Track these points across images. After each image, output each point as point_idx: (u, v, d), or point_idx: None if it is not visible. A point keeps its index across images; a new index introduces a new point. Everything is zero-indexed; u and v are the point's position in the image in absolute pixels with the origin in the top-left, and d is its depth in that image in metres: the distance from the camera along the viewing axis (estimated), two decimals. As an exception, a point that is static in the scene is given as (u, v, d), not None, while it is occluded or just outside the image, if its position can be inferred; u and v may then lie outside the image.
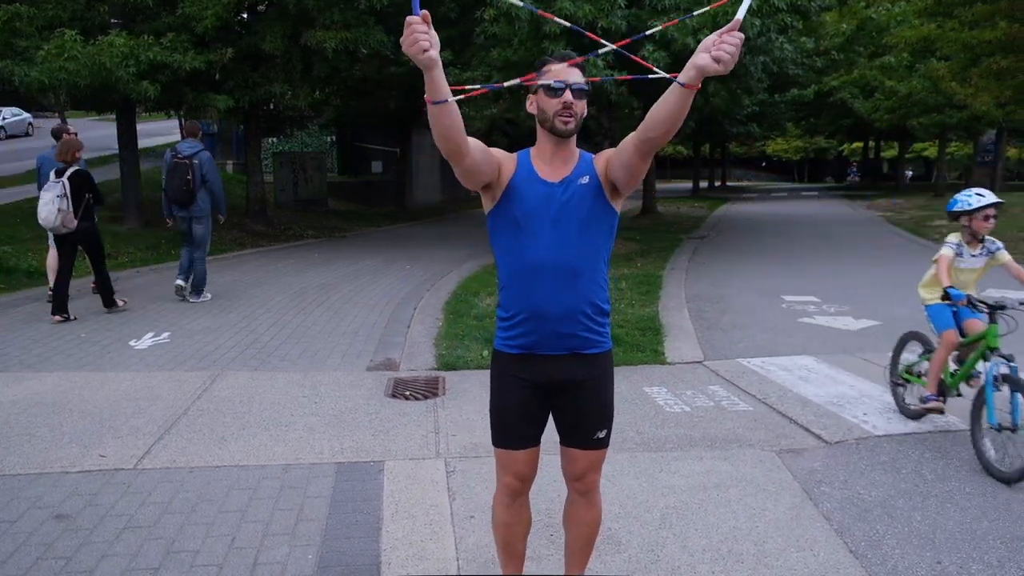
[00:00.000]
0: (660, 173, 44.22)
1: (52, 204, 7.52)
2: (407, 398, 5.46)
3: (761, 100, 26.21)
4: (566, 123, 2.36)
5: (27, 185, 17.47)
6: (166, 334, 7.31)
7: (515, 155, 2.52)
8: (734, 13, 1.99)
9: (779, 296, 9.57)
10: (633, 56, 2.88)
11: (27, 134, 32.18)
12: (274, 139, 23.29)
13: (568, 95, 2.34)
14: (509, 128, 28.43)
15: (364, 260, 12.91)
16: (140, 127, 30.04)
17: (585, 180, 2.43)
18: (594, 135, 19.79)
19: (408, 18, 1.95)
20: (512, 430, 2.59)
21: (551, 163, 2.45)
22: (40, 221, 7.64)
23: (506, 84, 2.45)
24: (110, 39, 11.48)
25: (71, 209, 7.58)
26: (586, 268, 2.44)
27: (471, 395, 5.47)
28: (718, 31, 1.94)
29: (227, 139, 24.82)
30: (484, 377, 5.84)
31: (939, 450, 4.47)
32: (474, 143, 2.29)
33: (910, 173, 48.58)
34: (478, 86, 2.40)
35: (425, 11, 1.97)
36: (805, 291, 9.95)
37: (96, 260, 8.23)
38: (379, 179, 26.13)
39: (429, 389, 5.67)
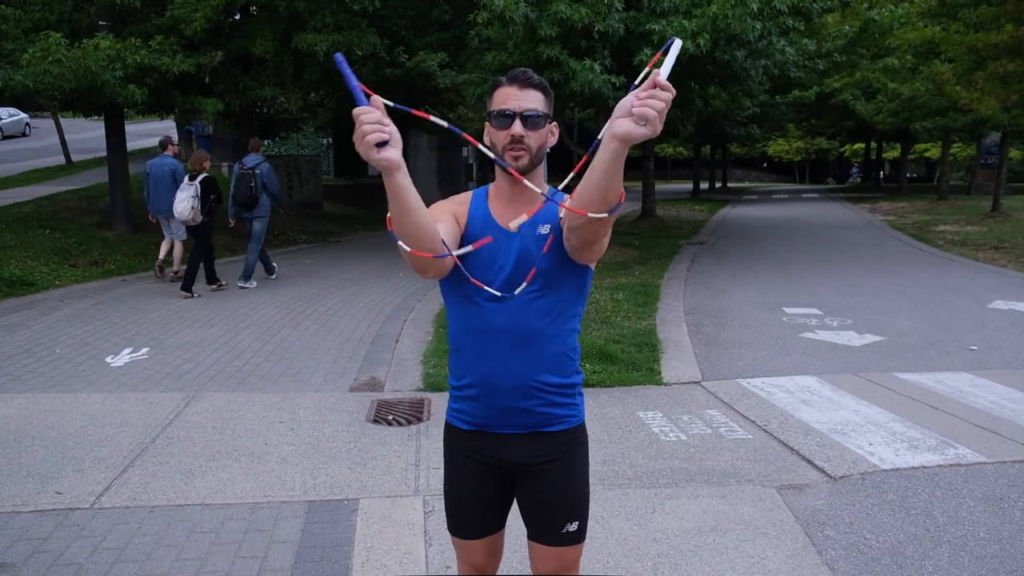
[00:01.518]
0: (660, 174, 43.97)
1: (187, 202, 9.42)
2: (389, 423, 5.20)
3: (762, 102, 25.96)
4: (516, 158, 1.96)
5: (17, 188, 17.25)
6: (145, 350, 7.06)
7: (468, 197, 2.14)
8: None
9: (780, 308, 9.30)
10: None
11: (24, 134, 31.98)
12: (269, 142, 23.05)
13: (517, 126, 1.94)
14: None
15: (356, 268, 12.65)
16: (134, 128, 29.87)
17: (545, 230, 2.01)
18: (593, 139, 19.58)
19: (355, 110, 1.55)
20: (466, 519, 2.20)
21: (510, 205, 2.06)
22: (176, 214, 9.57)
23: (444, 124, 1.83)
24: (95, 41, 11.22)
25: (199, 207, 9.46)
26: (546, 332, 2.04)
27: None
28: (636, 89, 1.54)
29: (223, 142, 24.54)
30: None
31: (950, 487, 4.21)
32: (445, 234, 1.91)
33: (911, 175, 48.26)
34: (436, 117, 1.90)
35: (377, 98, 1.57)
36: (806, 303, 9.68)
37: (199, 249, 9.81)
38: (375, 182, 25.83)
39: (413, 413, 5.41)
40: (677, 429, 5.14)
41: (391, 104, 1.59)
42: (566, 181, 2.07)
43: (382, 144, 1.56)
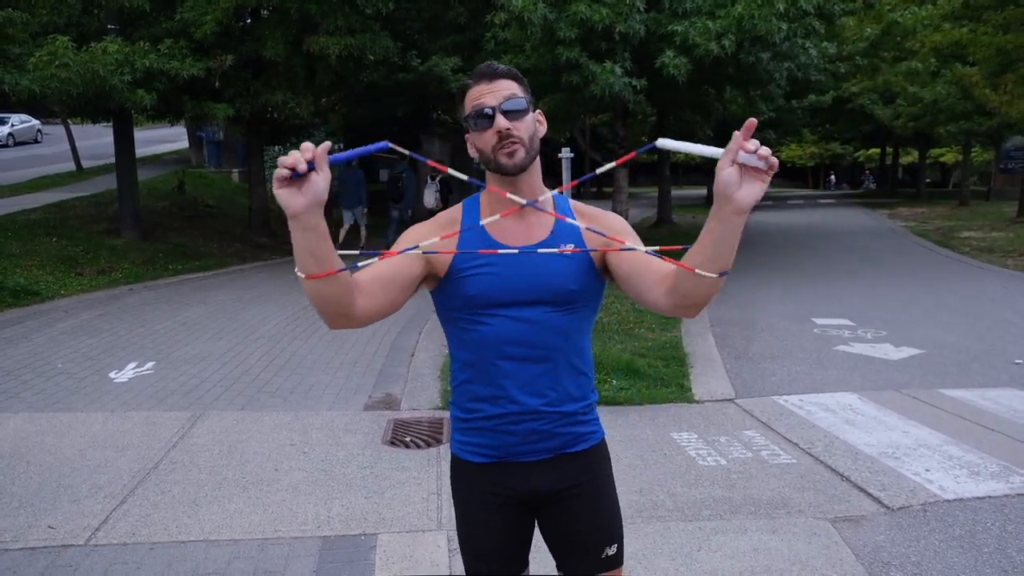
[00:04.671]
0: (674, 180, 43.52)
1: (435, 196, 14.34)
2: (407, 445, 4.88)
3: (778, 107, 25.56)
4: (511, 155, 1.74)
5: (27, 195, 17.05)
6: (150, 364, 6.76)
7: (457, 214, 1.90)
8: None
9: (809, 319, 8.94)
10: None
11: (36, 141, 31.89)
12: (279, 147, 22.84)
13: (500, 120, 1.73)
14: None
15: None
16: (145, 134, 29.76)
17: (569, 248, 1.81)
18: (607, 142, 19.22)
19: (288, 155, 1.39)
20: (489, 564, 1.93)
21: (513, 221, 1.84)
22: (425, 204, 14.03)
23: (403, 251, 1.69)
24: (103, 45, 10.98)
25: (439, 198, 13.73)
26: (566, 349, 1.84)
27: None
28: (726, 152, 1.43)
29: (233, 147, 24.35)
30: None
31: (1022, 521, 3.84)
32: (371, 278, 1.71)
33: (926, 180, 47.63)
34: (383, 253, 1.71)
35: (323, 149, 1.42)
36: (836, 313, 9.31)
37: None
38: (384, 188, 25.57)
39: (432, 434, 5.08)
40: (715, 452, 4.79)
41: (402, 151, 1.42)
42: (570, 185, 1.83)
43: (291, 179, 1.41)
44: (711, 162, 1.47)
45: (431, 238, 1.80)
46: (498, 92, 1.75)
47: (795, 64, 12.32)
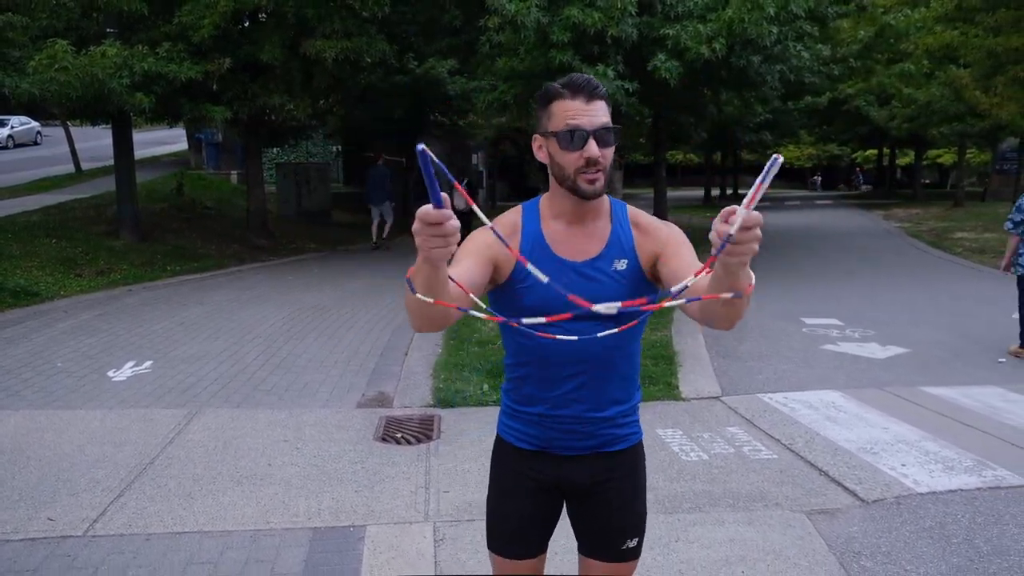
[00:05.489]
0: (670, 181, 43.65)
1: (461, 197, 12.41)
2: (398, 442, 5.00)
3: (774, 108, 25.71)
4: (592, 182, 1.77)
5: (26, 196, 17.17)
6: (148, 363, 6.88)
7: (517, 218, 1.92)
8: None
9: (799, 319, 9.07)
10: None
11: (35, 143, 31.99)
12: (278, 149, 22.96)
13: (593, 147, 1.73)
14: (519, 137, 28.06)
15: (365, 277, 12.46)
16: (144, 136, 29.83)
17: (622, 265, 1.87)
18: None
19: (427, 212, 1.30)
20: (514, 538, 2.09)
21: (570, 231, 1.88)
22: (456, 206, 14.88)
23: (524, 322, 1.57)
24: (102, 49, 11.10)
25: (471, 202, 14.06)
26: (618, 359, 1.95)
27: (468, 438, 4.99)
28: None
29: (231, 149, 24.47)
30: (483, 415, 5.40)
31: (992, 513, 3.97)
32: (458, 289, 1.59)
33: (924, 180, 47.75)
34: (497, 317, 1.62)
35: (446, 197, 1.32)
36: (826, 313, 9.44)
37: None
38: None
39: (423, 430, 5.20)
40: (698, 448, 4.92)
41: (442, 167, 1.31)
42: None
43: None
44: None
45: (496, 244, 1.80)
46: (595, 116, 1.76)
47: (787, 67, 12.44)
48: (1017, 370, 6.80)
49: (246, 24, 13.88)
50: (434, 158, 1.26)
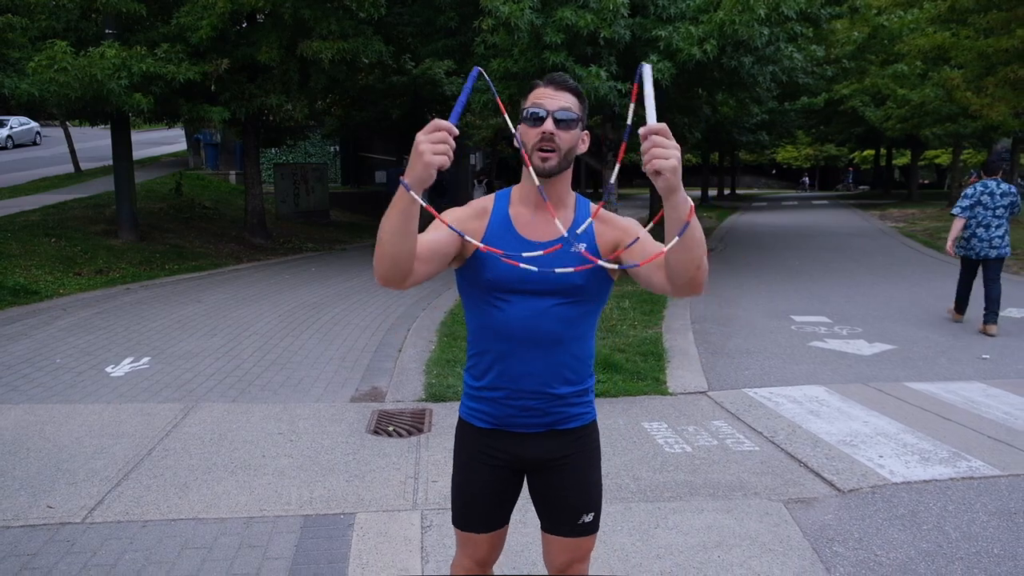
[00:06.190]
0: (669, 181, 43.60)
1: (483, 195, 15.02)
2: (389, 434, 5.12)
3: (771, 108, 25.82)
4: (545, 159, 1.97)
5: (25, 197, 17.28)
6: (146, 359, 7.00)
7: (489, 203, 2.14)
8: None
9: (789, 317, 9.19)
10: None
11: (35, 143, 32.12)
12: (276, 150, 23.08)
13: (548, 123, 1.96)
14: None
15: (361, 275, 12.59)
16: (143, 136, 29.90)
17: (580, 248, 2.03)
18: (596, 147, 19.46)
19: (441, 122, 1.67)
20: (476, 513, 2.25)
21: (536, 214, 2.08)
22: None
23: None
24: (101, 50, 11.22)
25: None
26: (567, 339, 2.10)
27: (458, 432, 5.11)
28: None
29: (230, 149, 24.60)
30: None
31: (963, 502, 4.09)
32: (425, 247, 1.93)
33: (922, 181, 47.89)
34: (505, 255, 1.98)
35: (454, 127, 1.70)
36: (816, 311, 9.56)
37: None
38: (383, 190, 25.84)
39: (414, 424, 5.33)
40: (682, 441, 5.04)
41: (492, 89, 1.81)
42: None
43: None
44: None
45: (467, 221, 2.07)
46: (557, 100, 1.98)
47: (779, 68, 12.56)
48: (1000, 366, 6.92)
49: (244, 25, 14.01)
50: (490, 82, 1.78)
